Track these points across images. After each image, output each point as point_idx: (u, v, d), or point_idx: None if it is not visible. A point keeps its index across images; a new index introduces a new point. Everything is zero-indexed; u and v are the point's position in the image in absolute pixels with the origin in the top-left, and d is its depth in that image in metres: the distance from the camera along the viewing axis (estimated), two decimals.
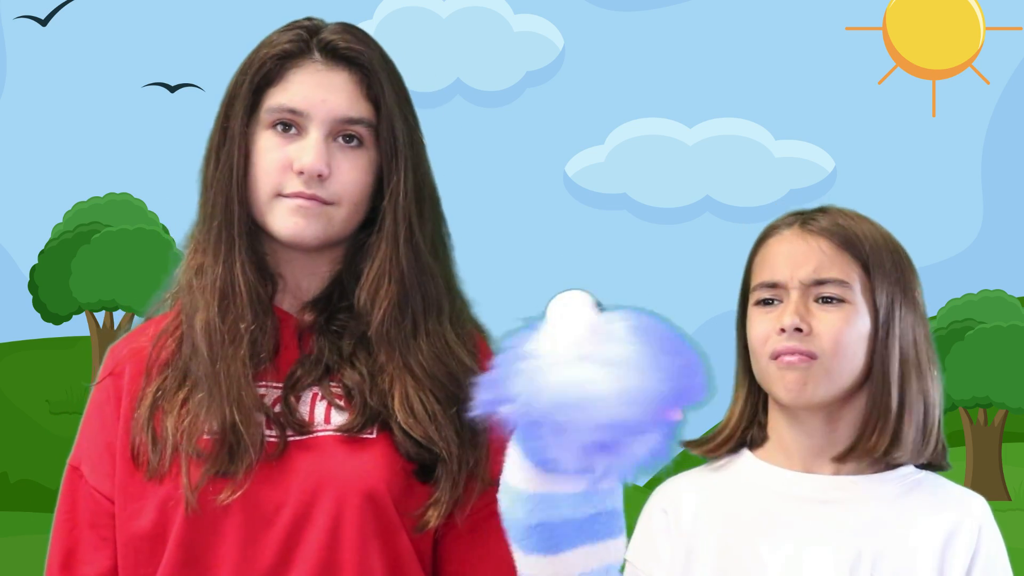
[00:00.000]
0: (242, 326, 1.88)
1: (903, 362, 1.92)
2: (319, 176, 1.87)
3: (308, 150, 1.87)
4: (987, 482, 5.87)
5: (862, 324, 1.91)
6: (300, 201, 1.88)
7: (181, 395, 1.89)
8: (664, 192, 5.73)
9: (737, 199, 5.66)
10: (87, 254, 5.90)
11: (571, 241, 5.59)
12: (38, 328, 5.89)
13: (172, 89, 5.72)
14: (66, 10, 5.74)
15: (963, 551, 1.90)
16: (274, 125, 1.89)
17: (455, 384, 1.87)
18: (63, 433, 2.02)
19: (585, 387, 1.56)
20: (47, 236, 5.86)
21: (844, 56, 5.64)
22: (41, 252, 5.87)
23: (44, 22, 5.72)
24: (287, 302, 1.94)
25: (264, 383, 1.89)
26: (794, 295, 1.91)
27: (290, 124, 1.89)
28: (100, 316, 5.99)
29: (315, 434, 1.88)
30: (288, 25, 1.95)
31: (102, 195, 5.82)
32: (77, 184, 5.78)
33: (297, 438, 1.87)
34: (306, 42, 1.91)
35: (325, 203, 1.89)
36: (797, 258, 1.93)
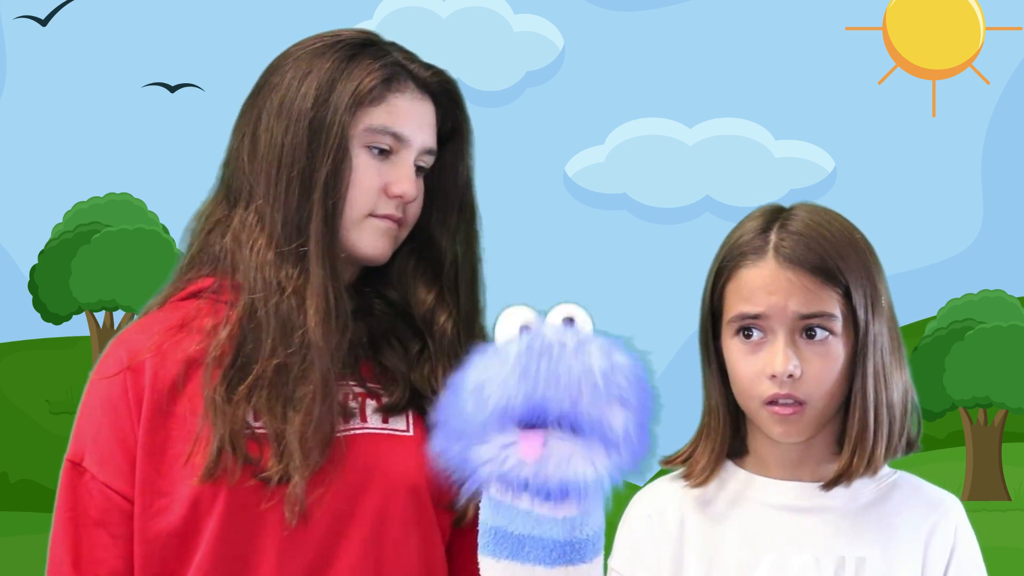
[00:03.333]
0: (346, 336, 1.90)
1: (875, 384, 1.90)
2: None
3: (409, 178, 1.94)
4: (987, 482, 5.86)
5: (843, 354, 1.89)
6: (389, 224, 1.94)
7: (242, 394, 1.87)
8: (664, 192, 5.73)
9: (737, 199, 5.65)
10: (87, 254, 5.90)
11: (571, 241, 5.59)
12: (38, 328, 5.89)
13: (172, 89, 5.72)
14: (66, 10, 5.74)
15: (941, 552, 1.91)
16: (370, 146, 1.93)
17: None
18: (63, 433, 2.01)
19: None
20: (47, 236, 5.86)
21: (844, 56, 5.63)
22: (41, 252, 5.87)
23: (44, 22, 5.72)
24: None
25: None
26: (781, 334, 1.87)
27: (388, 148, 1.93)
28: (100, 316, 5.99)
29: (352, 431, 1.90)
30: (375, 49, 1.96)
31: (102, 195, 5.81)
32: (77, 184, 5.78)
33: (341, 434, 1.89)
34: (402, 66, 1.95)
35: (402, 225, 1.96)
36: (779, 292, 1.88)
